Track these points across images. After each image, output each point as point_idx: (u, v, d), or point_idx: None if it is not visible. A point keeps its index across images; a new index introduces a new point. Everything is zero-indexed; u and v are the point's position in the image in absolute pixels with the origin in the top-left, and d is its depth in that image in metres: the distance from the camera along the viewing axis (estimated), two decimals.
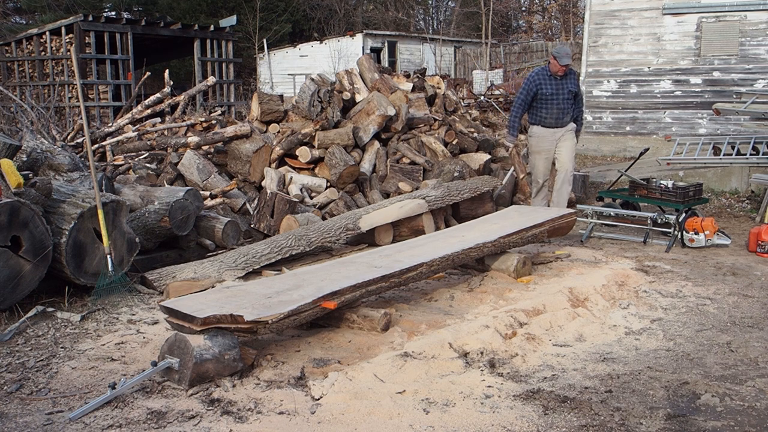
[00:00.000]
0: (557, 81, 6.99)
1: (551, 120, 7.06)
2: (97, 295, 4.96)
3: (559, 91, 6.99)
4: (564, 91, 7.00)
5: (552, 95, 6.98)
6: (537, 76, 7.02)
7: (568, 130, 7.17)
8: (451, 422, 3.28)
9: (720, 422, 3.30)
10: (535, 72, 7.08)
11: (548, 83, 6.99)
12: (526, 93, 7.05)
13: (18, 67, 17.09)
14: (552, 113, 7.03)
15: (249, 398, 3.52)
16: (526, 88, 7.05)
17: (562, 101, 7.01)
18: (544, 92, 6.98)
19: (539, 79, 7.01)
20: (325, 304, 4.14)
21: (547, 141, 7.11)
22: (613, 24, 13.93)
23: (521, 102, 7.09)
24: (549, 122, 7.07)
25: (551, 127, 7.09)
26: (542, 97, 7.00)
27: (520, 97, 7.10)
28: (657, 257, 6.43)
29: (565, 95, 7.01)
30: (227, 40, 19.25)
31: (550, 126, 7.08)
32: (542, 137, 7.12)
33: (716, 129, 12.74)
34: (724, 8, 12.90)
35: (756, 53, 12.81)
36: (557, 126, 7.09)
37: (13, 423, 3.29)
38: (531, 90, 7.02)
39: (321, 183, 7.84)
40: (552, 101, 6.99)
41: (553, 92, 6.98)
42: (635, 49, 13.80)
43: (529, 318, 4.54)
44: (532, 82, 7.03)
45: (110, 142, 8.50)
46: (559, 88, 7.00)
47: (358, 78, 9.28)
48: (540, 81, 7.00)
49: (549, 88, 6.98)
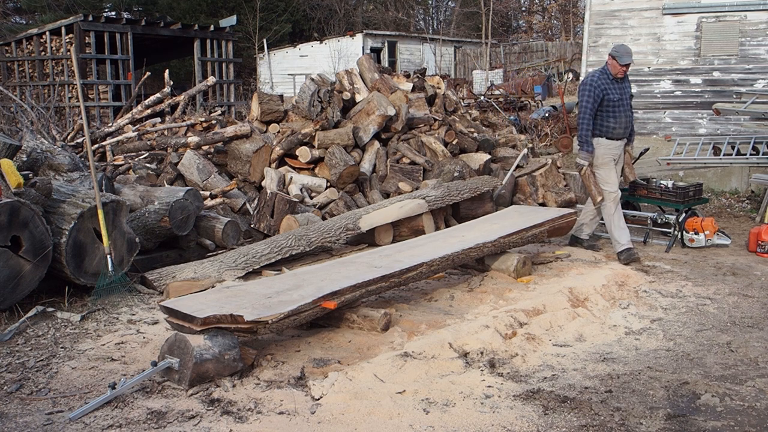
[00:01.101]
0: (619, 84, 6.12)
1: (620, 130, 6.15)
2: (97, 295, 4.96)
3: (623, 96, 6.13)
4: (627, 96, 6.17)
5: (619, 101, 6.08)
6: (599, 81, 6.07)
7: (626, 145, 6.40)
8: (451, 422, 3.28)
9: (720, 422, 3.30)
10: (596, 76, 6.11)
11: (613, 87, 6.08)
12: (594, 100, 6.05)
13: (18, 67, 17.08)
14: (621, 122, 6.12)
15: (249, 398, 3.52)
16: (592, 94, 6.05)
17: (628, 107, 6.17)
18: (611, 98, 6.05)
19: (603, 83, 6.07)
20: (325, 304, 4.14)
21: (614, 153, 6.25)
22: (613, 24, 13.93)
23: (591, 110, 6.08)
24: (618, 133, 6.15)
25: (619, 139, 6.20)
26: (609, 104, 6.07)
27: (588, 105, 6.07)
28: (657, 257, 6.43)
29: (628, 99, 6.19)
30: (227, 40, 19.25)
31: (618, 137, 6.18)
32: (610, 147, 6.21)
33: (716, 129, 12.75)
34: (724, 8, 12.90)
35: (756, 53, 12.81)
36: (623, 137, 6.23)
37: (13, 423, 3.29)
38: (597, 96, 6.04)
39: (321, 183, 7.84)
40: (619, 108, 6.09)
41: (619, 97, 6.08)
42: (635, 49, 13.68)
43: (529, 318, 4.54)
44: (596, 87, 6.05)
45: (110, 142, 8.50)
46: (623, 93, 6.14)
47: (358, 78, 9.27)
48: (605, 85, 6.06)
49: (615, 93, 6.08)
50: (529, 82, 22.12)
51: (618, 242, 6.17)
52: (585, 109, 6.09)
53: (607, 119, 6.11)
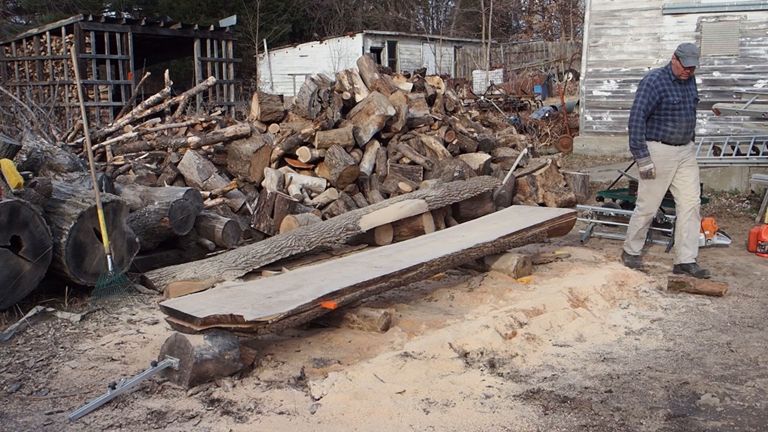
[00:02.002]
0: (682, 86, 5.71)
1: (679, 135, 5.73)
2: (97, 295, 4.96)
3: (686, 98, 5.71)
4: (690, 98, 5.76)
5: (680, 104, 5.67)
6: (659, 81, 5.68)
7: (692, 150, 5.93)
8: (451, 422, 3.28)
9: (720, 422, 3.30)
10: (656, 75, 5.72)
11: (674, 89, 5.68)
12: (648, 101, 5.68)
13: (18, 67, 17.09)
14: (680, 127, 5.70)
15: (249, 398, 3.52)
16: (648, 95, 5.68)
17: (690, 111, 5.76)
18: (671, 100, 5.65)
19: (662, 83, 5.67)
20: (325, 304, 4.14)
21: (670, 162, 5.77)
22: (613, 24, 13.93)
23: (644, 112, 5.72)
24: (675, 138, 5.73)
25: (676, 144, 5.77)
26: (668, 106, 5.67)
27: (641, 106, 5.70)
28: (657, 257, 6.43)
29: (691, 103, 5.77)
30: (227, 40, 19.25)
31: (675, 143, 5.75)
32: (665, 157, 5.76)
33: (716, 129, 12.76)
34: (724, 8, 12.91)
35: (756, 53, 12.82)
36: (683, 143, 5.79)
37: (13, 423, 3.29)
38: (654, 97, 5.66)
39: (321, 183, 7.84)
40: (680, 111, 5.68)
41: (680, 100, 5.68)
42: (635, 49, 13.80)
43: (529, 318, 4.54)
44: (653, 87, 5.66)
45: (110, 142, 8.50)
46: (686, 96, 5.72)
47: (358, 78, 9.27)
48: (664, 86, 5.67)
49: (676, 95, 5.67)
50: (529, 82, 22.13)
51: (630, 247, 6.08)
52: (638, 111, 5.72)
53: (665, 122, 5.72)
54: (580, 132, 14.61)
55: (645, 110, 5.70)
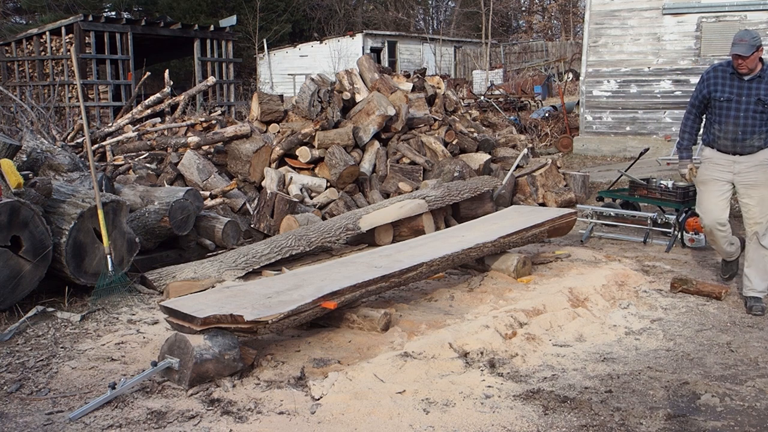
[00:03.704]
0: (741, 83, 4.80)
1: (726, 141, 4.88)
2: (97, 295, 4.96)
3: (740, 97, 4.79)
4: (750, 98, 4.76)
5: (727, 102, 4.83)
6: (714, 72, 4.92)
7: (760, 164, 4.83)
8: (451, 422, 3.28)
9: (720, 422, 3.30)
10: (713, 67, 4.97)
11: (726, 84, 4.85)
12: (696, 95, 5.04)
13: (18, 67, 17.09)
14: (726, 130, 4.86)
15: (249, 398, 3.52)
16: (698, 88, 5.03)
17: (744, 113, 4.78)
18: (718, 97, 4.86)
19: (715, 77, 4.91)
20: (325, 304, 4.14)
21: (719, 170, 4.95)
22: (613, 24, 13.93)
23: (689, 109, 5.11)
24: (723, 143, 4.90)
25: (726, 152, 4.90)
26: (716, 104, 4.90)
27: (691, 101, 5.11)
28: (657, 257, 6.43)
29: (752, 105, 4.76)
30: (227, 40, 19.25)
31: (724, 150, 4.91)
32: (714, 163, 4.99)
33: None
34: (724, 8, 12.91)
35: None
36: (735, 151, 4.86)
37: (13, 423, 3.29)
38: (700, 92, 4.99)
39: (321, 183, 7.85)
40: (727, 112, 4.84)
41: (730, 98, 4.82)
42: (635, 49, 13.80)
43: (529, 318, 4.54)
44: (704, 80, 4.97)
45: (110, 142, 8.50)
46: (742, 94, 4.79)
47: (358, 78, 9.27)
48: (715, 80, 4.90)
49: (726, 91, 4.84)
50: (529, 82, 22.14)
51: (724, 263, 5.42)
52: (688, 107, 5.13)
53: (712, 124, 4.97)
54: (580, 132, 14.61)
55: (693, 105, 5.08)
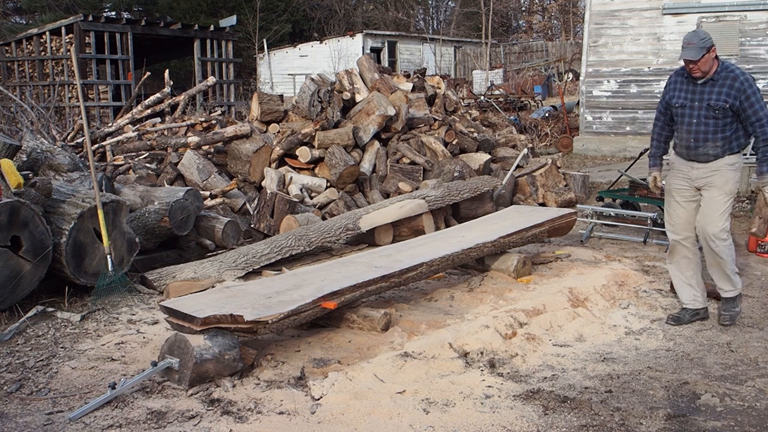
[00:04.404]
0: (694, 87, 4.54)
1: (682, 148, 4.70)
2: (97, 295, 4.96)
3: (693, 102, 4.54)
4: (702, 103, 4.50)
5: (683, 108, 4.61)
6: (674, 77, 4.72)
7: (717, 170, 4.55)
8: (451, 422, 3.28)
9: (720, 422, 3.30)
10: (675, 71, 4.75)
11: (682, 90, 4.61)
12: (660, 103, 4.84)
13: (18, 67, 17.09)
14: (681, 137, 4.67)
15: (249, 398, 3.52)
16: (661, 96, 4.83)
17: (697, 119, 4.52)
18: (674, 103, 4.65)
19: (675, 83, 4.68)
20: (325, 304, 4.14)
21: (680, 176, 4.74)
22: (613, 24, 13.93)
23: (657, 116, 4.89)
24: (680, 150, 4.74)
25: (684, 159, 4.71)
26: (674, 110, 4.69)
27: (657, 109, 4.90)
28: (657, 257, 6.42)
29: (703, 111, 4.49)
30: (227, 40, 19.26)
31: (681, 156, 4.73)
32: (675, 169, 4.80)
33: None
34: (724, 8, 12.91)
35: (756, 53, 12.81)
36: (690, 158, 4.65)
37: (13, 423, 3.29)
38: (663, 98, 4.78)
39: (321, 183, 7.85)
40: (682, 119, 4.63)
41: (684, 103, 4.59)
42: (635, 49, 13.80)
43: (529, 318, 4.54)
44: (666, 85, 4.78)
45: (110, 142, 8.50)
46: (695, 99, 4.53)
47: (358, 78, 9.27)
48: (674, 86, 4.67)
49: (681, 96, 4.61)
50: (529, 82, 22.15)
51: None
52: (656, 114, 4.91)
53: (676, 130, 4.77)
54: (580, 132, 14.61)
55: (660, 111, 4.84)
